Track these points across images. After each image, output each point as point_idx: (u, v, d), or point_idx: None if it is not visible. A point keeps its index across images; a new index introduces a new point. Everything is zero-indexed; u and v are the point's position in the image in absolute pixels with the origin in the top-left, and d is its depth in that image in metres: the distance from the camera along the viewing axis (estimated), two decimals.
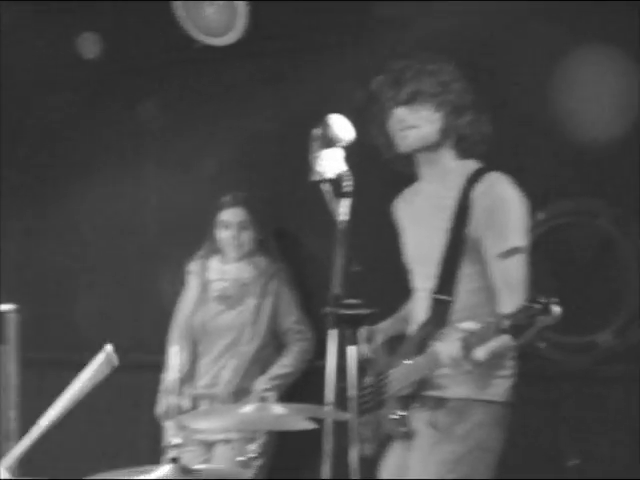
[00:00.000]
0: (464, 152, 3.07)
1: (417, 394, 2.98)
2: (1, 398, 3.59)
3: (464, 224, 2.92)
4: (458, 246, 2.93)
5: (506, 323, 2.53)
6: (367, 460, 2.95)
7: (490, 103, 3.09)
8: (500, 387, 2.97)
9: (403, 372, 2.99)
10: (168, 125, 4.65)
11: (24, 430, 3.69)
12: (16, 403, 3.64)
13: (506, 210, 2.91)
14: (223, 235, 4.21)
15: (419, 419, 2.99)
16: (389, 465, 3.12)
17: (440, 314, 2.93)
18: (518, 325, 2.50)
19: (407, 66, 3.02)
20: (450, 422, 2.93)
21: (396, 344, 3.09)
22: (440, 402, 2.96)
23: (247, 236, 4.21)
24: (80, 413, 4.56)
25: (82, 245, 4.88)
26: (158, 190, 4.70)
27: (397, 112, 3.02)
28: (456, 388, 2.94)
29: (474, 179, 2.96)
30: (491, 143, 3.06)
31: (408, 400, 3.00)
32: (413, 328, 3.08)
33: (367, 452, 3.05)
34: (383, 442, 3.09)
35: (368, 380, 3.09)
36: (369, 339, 3.15)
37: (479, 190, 2.93)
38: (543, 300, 2.45)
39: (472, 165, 3.04)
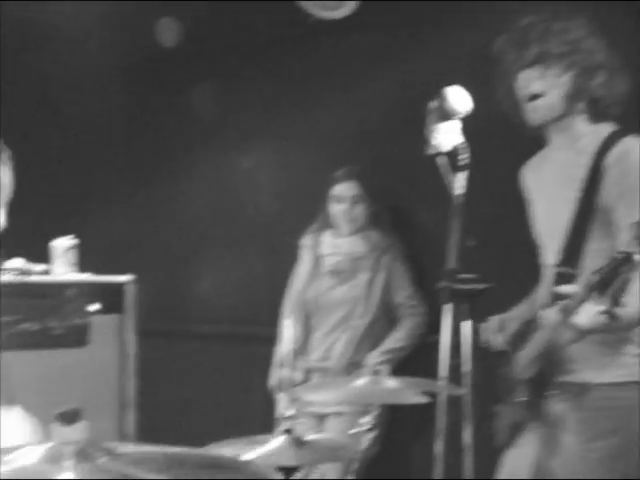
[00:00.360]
0: (597, 115, 2.83)
1: (549, 379, 2.76)
2: (121, 367, 3.67)
3: (595, 193, 2.70)
4: (587, 218, 2.71)
5: (594, 279, 2.36)
6: (482, 438, 2.87)
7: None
8: None
9: (525, 353, 2.80)
10: (281, 99, 4.66)
11: (142, 398, 3.79)
12: (135, 372, 3.73)
13: None
14: (336, 209, 4.21)
15: (562, 413, 2.77)
16: (521, 457, 2.88)
17: None
18: (604, 278, 2.33)
19: (531, 25, 2.80)
20: (597, 414, 2.70)
21: (531, 329, 2.92)
22: (580, 389, 2.73)
23: (360, 210, 4.20)
24: (195, 384, 4.68)
25: (197, 218, 4.95)
26: (272, 164, 4.72)
27: (522, 76, 2.80)
28: (593, 372, 2.72)
29: (607, 144, 2.73)
30: (628, 104, 2.83)
31: (537, 384, 2.78)
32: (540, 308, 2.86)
33: (500, 442, 2.91)
34: (514, 430, 2.88)
35: (503, 370, 2.89)
36: (501, 328, 2.93)
37: (612, 156, 2.69)
38: (625, 250, 2.32)
39: (606, 129, 2.81)
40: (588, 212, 2.73)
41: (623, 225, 2.63)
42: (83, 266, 3.90)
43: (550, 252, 2.88)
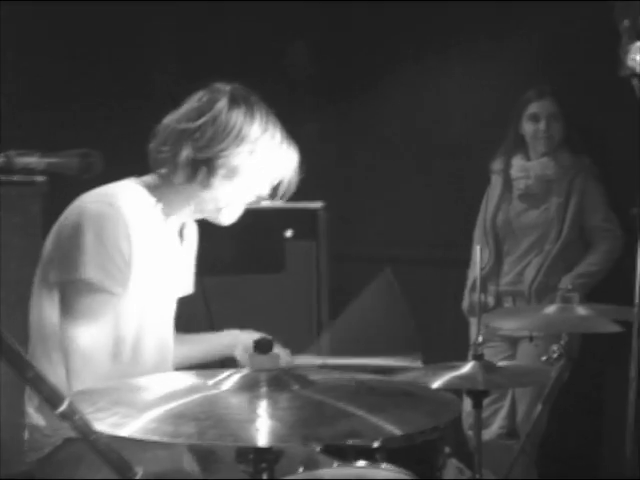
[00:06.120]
0: None
1: None
2: (316, 292, 3.78)
3: None
4: None
5: None
6: None
7: None
8: None
9: None
10: (472, 20, 4.58)
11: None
12: (327, 297, 3.83)
13: None
14: (531, 128, 4.13)
15: None
16: None
17: None
18: None
19: None
20: None
21: None
22: None
23: (557, 128, 4.10)
24: None
25: (387, 142, 4.97)
26: (462, 87, 4.66)
27: None
28: None
29: None
30: None
31: None
32: None
33: None
34: None
35: None
36: None
37: None
38: None
39: None
40: None
41: None
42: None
43: None
